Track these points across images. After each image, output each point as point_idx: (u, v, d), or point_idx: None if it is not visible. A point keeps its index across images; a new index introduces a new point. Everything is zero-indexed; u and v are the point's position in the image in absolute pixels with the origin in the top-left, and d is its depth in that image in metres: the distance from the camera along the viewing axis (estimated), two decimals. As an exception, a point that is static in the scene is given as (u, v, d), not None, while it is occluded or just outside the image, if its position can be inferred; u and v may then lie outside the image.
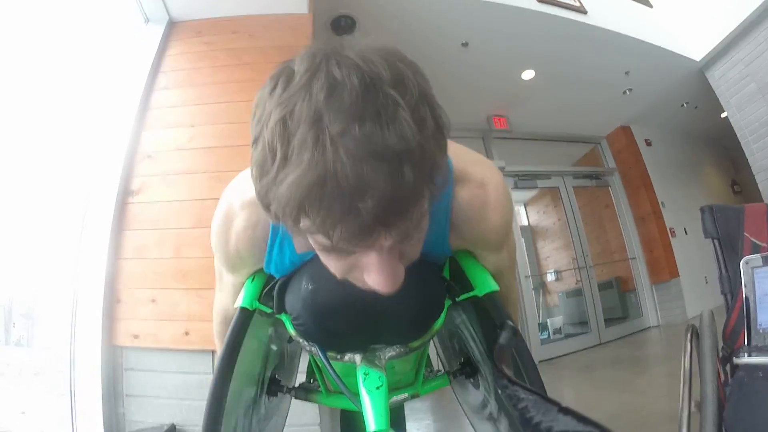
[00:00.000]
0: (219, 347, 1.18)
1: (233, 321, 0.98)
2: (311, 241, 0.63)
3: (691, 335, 1.59)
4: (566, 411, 0.53)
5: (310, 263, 0.92)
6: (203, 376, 2.57)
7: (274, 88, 0.57)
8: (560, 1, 4.83)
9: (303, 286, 0.88)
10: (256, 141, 0.57)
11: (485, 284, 1.03)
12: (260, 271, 1.10)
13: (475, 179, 0.90)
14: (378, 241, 0.57)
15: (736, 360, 1.44)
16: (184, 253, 2.76)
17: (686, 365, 1.53)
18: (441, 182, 0.61)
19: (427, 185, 0.57)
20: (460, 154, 0.89)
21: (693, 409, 1.35)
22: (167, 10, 3.38)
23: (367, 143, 0.50)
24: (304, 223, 0.55)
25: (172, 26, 3.45)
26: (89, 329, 2.65)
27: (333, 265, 0.67)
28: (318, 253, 0.67)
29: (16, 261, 3.35)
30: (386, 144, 0.50)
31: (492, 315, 0.97)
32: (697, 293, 6.71)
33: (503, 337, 0.87)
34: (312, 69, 0.54)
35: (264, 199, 0.58)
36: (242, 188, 0.89)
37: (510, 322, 0.91)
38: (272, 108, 0.55)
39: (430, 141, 0.55)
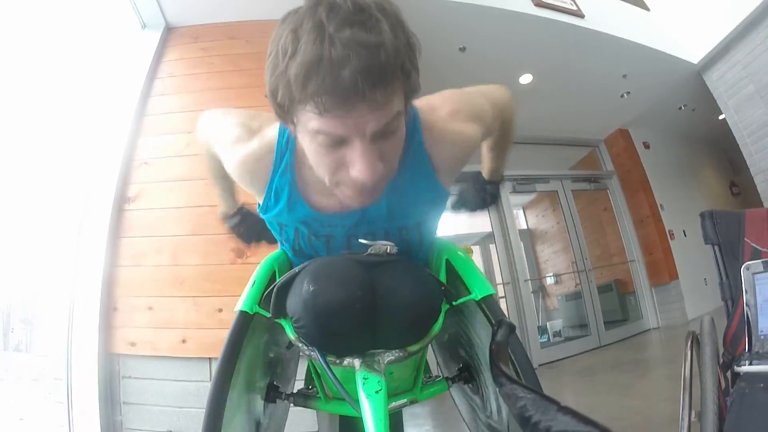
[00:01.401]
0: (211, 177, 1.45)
1: (232, 325, 0.98)
2: (307, 136, 0.79)
3: (692, 342, 1.58)
4: (565, 410, 0.53)
5: (310, 266, 0.93)
6: (200, 384, 2.56)
7: (287, 17, 0.76)
8: (557, 6, 4.84)
9: (304, 288, 0.88)
10: (270, 55, 0.76)
11: (482, 288, 1.03)
12: (260, 274, 1.11)
13: (429, 105, 1.06)
14: (358, 114, 0.72)
15: (737, 368, 1.42)
16: (181, 261, 2.76)
17: (686, 373, 1.52)
18: (413, 92, 0.81)
19: (399, 77, 0.74)
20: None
21: (693, 419, 1.33)
22: (164, 15, 3.39)
23: (354, 39, 0.68)
24: (308, 91, 0.70)
25: (169, 32, 3.45)
26: (86, 336, 2.64)
27: (324, 162, 0.82)
28: (313, 151, 0.82)
29: (14, 266, 3.34)
30: (368, 40, 0.68)
31: (488, 316, 0.97)
32: (696, 295, 6.70)
33: (500, 335, 0.88)
34: (317, 1, 0.72)
35: (274, 90, 0.76)
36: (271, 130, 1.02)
37: (507, 321, 0.92)
38: (284, 28, 0.74)
39: (403, 48, 0.74)
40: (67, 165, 3.31)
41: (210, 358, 2.60)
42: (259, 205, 1.10)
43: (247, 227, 1.57)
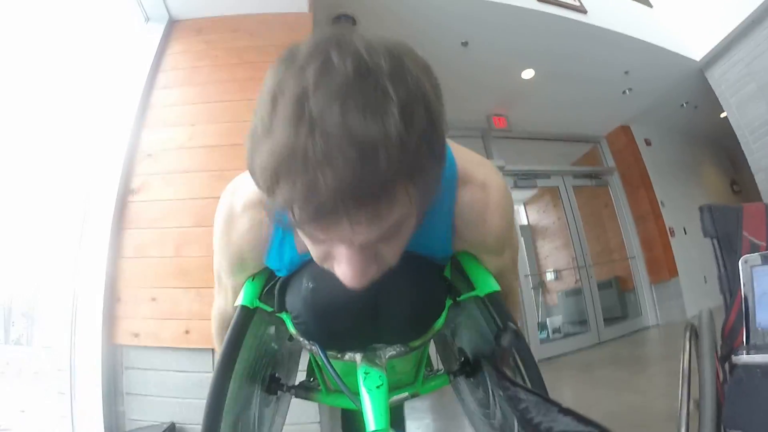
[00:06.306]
0: (218, 349, 1.17)
1: (234, 319, 0.98)
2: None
3: (690, 334, 1.59)
4: (566, 411, 0.54)
5: (310, 263, 0.90)
6: (203, 375, 2.57)
7: (277, 68, 0.57)
8: (560, 1, 4.83)
9: (303, 285, 0.88)
10: (254, 114, 0.58)
11: (486, 284, 1.03)
12: (261, 270, 1.11)
13: (477, 181, 0.90)
14: (341, 229, 0.56)
15: (734, 359, 1.44)
16: (185, 252, 2.77)
17: (685, 364, 1.53)
18: (430, 190, 0.62)
19: (405, 184, 0.55)
20: (462, 156, 0.90)
21: (692, 408, 1.35)
22: (167, 8, 3.38)
23: (343, 127, 0.49)
24: (277, 194, 0.54)
25: (173, 25, 3.45)
26: (89, 328, 2.65)
27: (312, 249, 0.68)
28: (301, 236, 0.67)
29: (16, 260, 3.35)
30: (363, 131, 0.50)
31: (493, 316, 0.97)
32: (696, 292, 6.70)
33: (504, 339, 0.88)
34: (313, 52, 0.54)
35: (251, 167, 0.58)
36: (243, 190, 0.90)
37: (511, 324, 0.91)
38: (268, 84, 0.56)
39: (416, 140, 0.53)
40: (70, 157, 3.32)
41: (213, 349, 2.60)
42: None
43: None
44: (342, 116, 0.49)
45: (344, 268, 0.63)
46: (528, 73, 5.65)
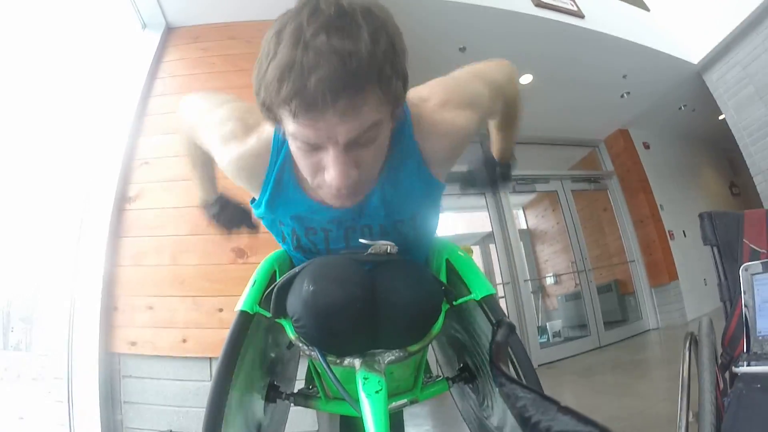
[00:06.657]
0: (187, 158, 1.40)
1: (233, 324, 0.98)
2: (289, 137, 0.81)
3: (690, 343, 1.58)
4: (565, 410, 0.54)
5: (310, 266, 0.93)
6: (201, 383, 2.56)
7: (277, 19, 0.77)
8: (557, 6, 4.83)
9: (304, 287, 0.88)
10: (260, 53, 0.77)
11: (482, 287, 1.03)
12: (260, 273, 1.11)
13: (418, 96, 1.03)
14: (327, 123, 0.73)
15: (735, 369, 1.42)
16: (182, 260, 2.76)
17: (684, 374, 1.52)
18: (396, 101, 0.80)
19: (374, 86, 0.73)
20: (410, 99, 0.99)
21: (691, 419, 1.33)
22: (164, 15, 3.38)
23: (328, 45, 0.68)
24: (281, 94, 0.71)
25: (169, 32, 3.45)
26: (87, 336, 2.64)
27: (303, 164, 0.84)
28: (295, 152, 0.84)
29: (15, 265, 3.34)
30: (342, 46, 0.68)
31: (489, 316, 0.97)
32: (696, 295, 6.70)
33: (500, 335, 0.88)
34: (305, 4, 0.73)
35: (257, 90, 0.78)
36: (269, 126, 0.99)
37: (507, 320, 0.92)
38: (272, 30, 0.75)
39: (381, 56, 0.72)
40: (67, 165, 3.31)
41: (210, 358, 2.60)
42: (253, 200, 1.09)
43: (229, 215, 1.55)
44: (327, 39, 0.68)
45: (332, 170, 0.79)
46: (526, 78, 5.65)
